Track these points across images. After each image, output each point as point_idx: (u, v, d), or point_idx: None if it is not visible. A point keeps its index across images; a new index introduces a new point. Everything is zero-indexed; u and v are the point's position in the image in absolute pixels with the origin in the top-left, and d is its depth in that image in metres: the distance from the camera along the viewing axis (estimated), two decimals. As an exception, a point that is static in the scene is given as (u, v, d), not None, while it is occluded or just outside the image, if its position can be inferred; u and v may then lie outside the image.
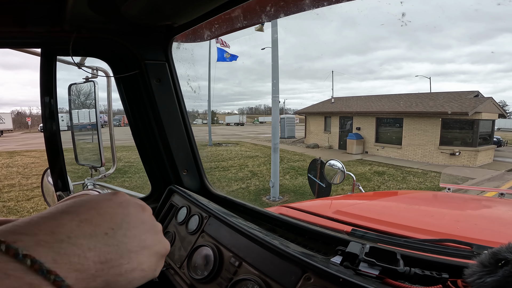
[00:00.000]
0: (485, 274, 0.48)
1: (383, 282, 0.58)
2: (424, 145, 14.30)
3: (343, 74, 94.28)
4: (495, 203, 1.72)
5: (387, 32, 66.89)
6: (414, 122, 14.76)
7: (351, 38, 72.34)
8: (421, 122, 14.49)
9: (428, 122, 14.24)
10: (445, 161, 13.47)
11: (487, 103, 13.35)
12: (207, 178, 1.40)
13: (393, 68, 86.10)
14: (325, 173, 2.09)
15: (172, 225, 1.13)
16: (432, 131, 14.06)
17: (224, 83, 76.19)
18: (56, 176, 1.21)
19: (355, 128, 17.33)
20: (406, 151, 14.90)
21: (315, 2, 0.86)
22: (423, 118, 14.43)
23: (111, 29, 1.06)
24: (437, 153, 13.79)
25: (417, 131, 14.60)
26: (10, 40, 1.05)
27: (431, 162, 13.84)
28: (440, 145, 13.75)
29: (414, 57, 65.47)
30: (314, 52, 72.81)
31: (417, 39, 52.85)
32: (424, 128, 14.40)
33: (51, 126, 1.15)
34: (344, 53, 76.18)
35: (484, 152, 13.63)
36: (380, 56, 65.73)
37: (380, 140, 16.37)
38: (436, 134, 13.87)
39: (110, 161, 1.57)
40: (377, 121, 16.65)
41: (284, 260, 0.68)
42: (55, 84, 1.11)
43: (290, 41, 60.23)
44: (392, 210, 1.60)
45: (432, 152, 14.01)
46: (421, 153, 14.45)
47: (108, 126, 1.57)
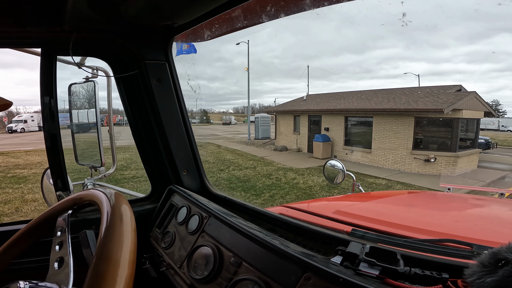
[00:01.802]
0: (485, 274, 0.48)
1: (383, 282, 0.58)
2: (396, 149, 11.72)
3: (340, 73, 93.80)
4: (495, 203, 1.71)
5: (385, 31, 66.98)
6: (385, 122, 12.12)
7: (349, 38, 72.27)
8: (392, 122, 11.88)
9: (399, 122, 11.66)
10: (418, 168, 11.03)
11: (468, 98, 10.81)
12: (207, 178, 1.40)
13: (390, 67, 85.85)
14: (325, 173, 2.09)
15: (172, 225, 1.13)
16: (404, 133, 11.51)
17: (221, 82, 76.11)
18: (56, 176, 1.21)
19: (323, 129, 14.90)
20: (376, 156, 12.36)
21: (315, 2, 0.86)
22: (394, 117, 11.81)
23: (111, 29, 1.06)
24: (410, 159, 11.24)
25: (388, 133, 12.03)
26: (10, 40, 1.05)
27: (403, 170, 11.33)
28: (413, 150, 11.21)
29: (411, 56, 65.67)
30: (312, 51, 72.70)
31: (414, 39, 53.02)
32: (395, 129, 11.81)
33: (51, 126, 1.15)
34: (342, 52, 76.12)
35: (465, 158, 11.14)
36: (378, 56, 66.00)
37: (350, 143, 13.97)
38: (409, 136, 11.37)
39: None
40: (346, 120, 14.09)
41: (284, 260, 0.68)
42: (55, 84, 1.11)
43: (288, 40, 60.42)
44: (392, 210, 1.60)
45: (404, 157, 11.45)
46: (392, 159, 11.86)
47: (108, 126, 1.57)
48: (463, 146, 11.39)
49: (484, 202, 1.83)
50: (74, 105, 1.50)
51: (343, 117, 14.08)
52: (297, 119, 17.09)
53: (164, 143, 1.28)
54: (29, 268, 0.98)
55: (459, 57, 73.79)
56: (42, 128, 1.21)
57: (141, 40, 1.13)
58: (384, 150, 12.15)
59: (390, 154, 11.97)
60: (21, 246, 0.72)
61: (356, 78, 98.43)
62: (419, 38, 54.44)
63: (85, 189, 1.22)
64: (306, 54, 53.85)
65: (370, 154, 12.61)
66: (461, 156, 10.76)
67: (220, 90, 77.34)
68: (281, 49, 52.89)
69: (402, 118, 11.55)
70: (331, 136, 14.42)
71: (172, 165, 1.31)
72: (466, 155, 11.19)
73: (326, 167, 2.08)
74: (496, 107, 42.67)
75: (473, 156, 11.65)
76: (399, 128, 11.70)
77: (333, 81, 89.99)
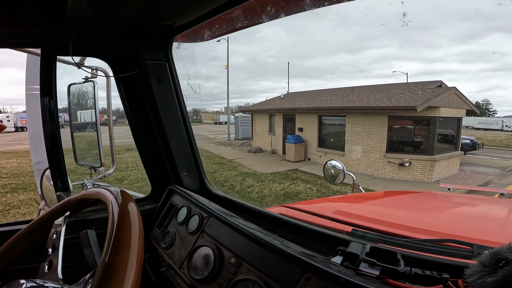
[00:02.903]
0: (486, 274, 0.48)
1: (383, 282, 0.57)
2: (369, 151, 10.43)
3: (335, 73, 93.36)
4: (495, 203, 1.71)
5: (381, 31, 66.88)
6: (357, 121, 10.90)
7: (345, 37, 71.93)
8: (365, 121, 10.61)
9: (372, 122, 10.36)
10: (393, 173, 9.84)
11: (447, 95, 9.55)
12: (207, 178, 1.40)
13: (385, 67, 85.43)
14: (326, 173, 2.09)
15: (172, 225, 1.13)
16: (377, 133, 10.20)
17: (216, 81, 75.56)
18: (55, 176, 1.20)
19: (297, 129, 13.63)
20: (349, 159, 11.01)
21: (315, 2, 0.86)
22: (367, 116, 10.56)
23: (111, 29, 1.06)
24: (384, 162, 9.98)
25: (361, 133, 10.78)
26: (10, 40, 1.05)
27: (376, 175, 10.10)
28: (387, 152, 9.98)
29: (405, 56, 65.54)
30: (308, 50, 72.37)
31: (409, 39, 53.01)
32: (368, 129, 10.50)
33: (51, 126, 1.15)
34: (337, 51, 75.75)
35: (444, 162, 9.81)
36: (372, 55, 65.82)
37: (324, 144, 12.58)
38: (382, 137, 10.06)
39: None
40: (319, 120, 12.69)
41: (284, 260, 0.68)
42: (55, 84, 1.11)
43: (284, 40, 60.21)
44: (393, 210, 1.60)
45: (377, 161, 10.16)
46: (365, 162, 10.61)
47: (108, 126, 1.57)
48: (443, 149, 10.13)
49: (484, 202, 1.83)
50: (73, 105, 1.50)
51: (316, 116, 12.72)
52: (272, 119, 15.73)
53: (164, 143, 1.28)
54: (29, 268, 0.98)
55: (452, 57, 73.86)
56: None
57: (141, 40, 1.13)
58: (357, 152, 10.90)
59: (363, 157, 10.68)
60: (23, 245, 0.72)
61: (350, 77, 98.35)
62: (413, 38, 54.44)
63: (85, 189, 1.22)
64: (301, 53, 53.85)
65: (343, 157, 11.11)
66: (439, 160, 9.50)
67: (215, 89, 77.03)
68: (276, 49, 52.95)
69: (375, 117, 10.29)
70: (305, 137, 13.08)
71: (172, 165, 1.31)
72: (445, 158, 9.87)
73: (326, 167, 2.08)
74: (486, 107, 42.51)
75: (453, 159, 10.30)
76: (372, 128, 10.39)
77: (328, 81, 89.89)
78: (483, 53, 67.40)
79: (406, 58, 64.94)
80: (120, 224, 0.55)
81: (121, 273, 0.47)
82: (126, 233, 0.54)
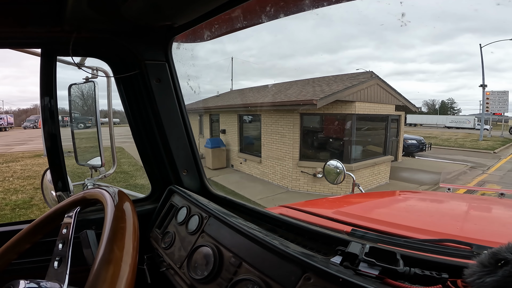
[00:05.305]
0: (485, 274, 0.48)
1: (383, 282, 0.58)
2: (282, 158, 8.41)
3: (314, 72, 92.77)
4: (495, 203, 1.71)
5: (358, 31, 66.79)
6: (271, 121, 8.92)
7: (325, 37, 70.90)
8: (278, 122, 8.67)
9: (284, 122, 8.44)
10: (307, 185, 7.93)
11: (365, 86, 7.76)
12: (207, 178, 1.40)
13: (361, 66, 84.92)
14: (325, 174, 2.09)
15: (172, 225, 1.13)
16: (289, 136, 8.22)
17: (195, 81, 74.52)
18: (56, 176, 1.21)
19: (220, 131, 11.57)
20: (265, 167, 9.11)
21: (315, 2, 0.86)
22: (279, 115, 8.57)
23: (111, 29, 1.06)
24: (297, 172, 8.03)
25: (275, 136, 8.76)
26: (10, 40, 1.05)
27: (291, 188, 8.15)
28: (300, 160, 8.03)
29: (380, 56, 65.57)
30: (288, 50, 71.26)
31: (384, 39, 53.05)
32: (280, 131, 8.54)
33: (51, 127, 1.15)
34: (316, 51, 74.47)
35: (367, 170, 7.95)
36: (350, 55, 65.60)
37: (244, 149, 10.49)
38: (295, 140, 8.10)
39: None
40: (239, 120, 10.62)
41: (284, 260, 0.68)
42: (55, 84, 1.11)
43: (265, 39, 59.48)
44: (392, 210, 1.60)
45: (291, 170, 8.14)
46: (280, 172, 8.61)
47: (109, 127, 1.57)
48: (368, 154, 8.30)
49: (484, 202, 1.83)
50: (73, 105, 1.50)
51: (236, 115, 10.60)
52: (201, 120, 13.65)
53: (164, 143, 1.28)
54: (29, 268, 0.98)
55: (423, 57, 73.80)
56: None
57: (141, 40, 1.13)
58: (272, 159, 8.81)
59: (277, 165, 8.64)
60: (23, 245, 0.72)
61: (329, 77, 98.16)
62: (389, 39, 54.38)
63: (85, 189, 1.22)
64: (281, 53, 53.44)
65: (260, 165, 9.31)
66: (360, 169, 7.64)
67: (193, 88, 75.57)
68: (257, 48, 52.53)
69: (287, 116, 8.32)
70: (227, 141, 10.98)
71: (172, 165, 1.31)
72: (369, 166, 7.97)
73: (326, 168, 2.08)
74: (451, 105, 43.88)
75: (381, 166, 8.38)
76: (284, 129, 8.42)
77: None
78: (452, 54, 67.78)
79: (381, 58, 64.92)
80: (115, 223, 0.56)
81: (116, 268, 0.47)
82: (121, 231, 0.55)
